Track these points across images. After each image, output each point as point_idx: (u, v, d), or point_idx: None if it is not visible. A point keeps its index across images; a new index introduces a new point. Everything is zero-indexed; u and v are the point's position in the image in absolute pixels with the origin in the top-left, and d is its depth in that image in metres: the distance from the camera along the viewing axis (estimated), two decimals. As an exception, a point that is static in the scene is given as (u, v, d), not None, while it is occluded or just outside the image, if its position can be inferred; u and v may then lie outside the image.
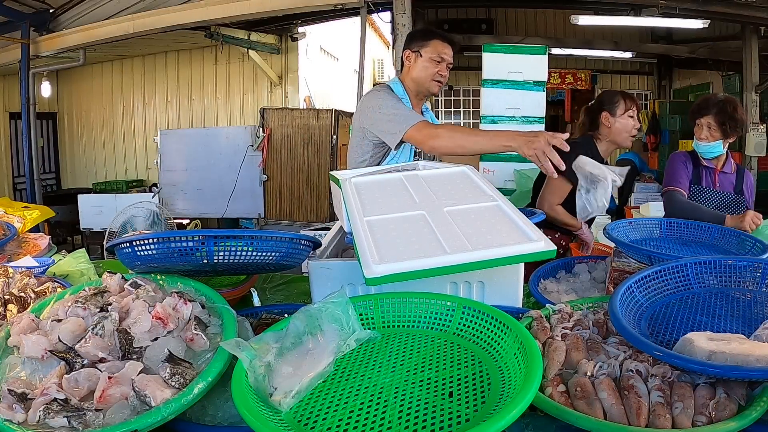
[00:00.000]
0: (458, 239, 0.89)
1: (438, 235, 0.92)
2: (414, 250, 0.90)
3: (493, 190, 1.09)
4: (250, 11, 5.07)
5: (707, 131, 2.06)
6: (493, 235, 0.91)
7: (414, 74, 1.92)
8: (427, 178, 1.21)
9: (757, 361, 0.75)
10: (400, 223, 1.00)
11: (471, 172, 1.22)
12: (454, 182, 1.18)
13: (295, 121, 6.02)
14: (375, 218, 1.02)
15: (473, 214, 1.00)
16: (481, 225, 0.95)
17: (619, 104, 2.15)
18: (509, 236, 0.90)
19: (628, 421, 0.75)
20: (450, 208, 1.02)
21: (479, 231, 0.93)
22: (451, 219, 0.98)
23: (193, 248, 1.07)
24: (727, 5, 4.81)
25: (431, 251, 0.88)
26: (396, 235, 0.95)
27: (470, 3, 7.23)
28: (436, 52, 1.89)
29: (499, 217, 0.97)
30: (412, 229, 0.97)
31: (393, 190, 1.19)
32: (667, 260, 1.17)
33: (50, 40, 5.91)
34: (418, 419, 0.69)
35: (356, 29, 5.14)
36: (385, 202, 1.12)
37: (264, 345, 0.82)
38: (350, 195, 1.17)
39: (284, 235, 1.13)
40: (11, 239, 1.85)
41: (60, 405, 0.75)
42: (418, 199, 1.10)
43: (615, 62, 8.33)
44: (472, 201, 1.05)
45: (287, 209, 6.13)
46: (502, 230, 0.92)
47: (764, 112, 5.74)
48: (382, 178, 1.26)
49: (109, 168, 8.08)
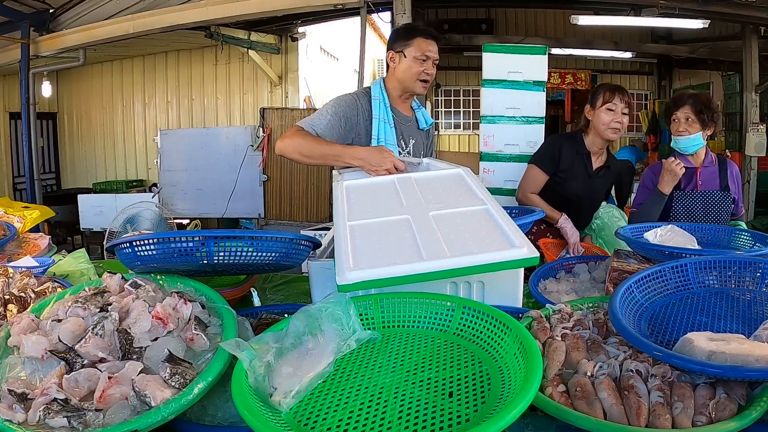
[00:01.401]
0: (437, 245, 0.88)
1: (418, 240, 0.91)
2: (391, 256, 0.88)
3: (485, 193, 1.07)
4: (250, 11, 5.07)
5: (685, 123, 2.01)
6: (475, 241, 0.89)
7: (398, 75, 1.87)
8: (419, 181, 1.21)
9: (756, 361, 0.76)
10: (383, 227, 0.99)
11: (466, 175, 1.21)
12: (447, 185, 1.17)
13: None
14: (358, 223, 1.02)
15: (459, 219, 0.98)
16: (465, 230, 0.94)
17: (599, 97, 2.16)
18: (492, 242, 0.88)
19: (628, 421, 0.75)
20: (436, 212, 1.01)
21: (462, 236, 0.91)
22: (435, 224, 0.96)
23: (193, 248, 1.07)
24: (727, 5, 4.81)
25: (408, 257, 0.86)
26: (376, 240, 0.94)
27: (470, 3, 7.23)
28: (419, 51, 1.82)
29: (485, 222, 0.95)
30: (393, 234, 0.95)
31: (383, 193, 1.18)
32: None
33: (50, 40, 5.91)
34: (418, 419, 0.69)
35: (356, 29, 5.14)
36: (372, 205, 1.11)
37: (264, 345, 0.82)
38: (338, 198, 1.16)
39: (284, 236, 1.13)
40: (11, 239, 1.85)
41: (60, 405, 0.75)
42: (405, 203, 1.09)
43: (615, 62, 8.33)
44: (461, 204, 1.03)
45: (287, 209, 6.13)
46: (485, 235, 0.90)
47: (764, 112, 5.74)
48: (375, 181, 1.26)
49: (109, 168, 8.08)
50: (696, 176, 2.06)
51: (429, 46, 1.83)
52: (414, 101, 2.00)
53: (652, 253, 1.37)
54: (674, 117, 2.05)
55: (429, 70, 1.83)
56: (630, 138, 8.43)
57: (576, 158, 2.21)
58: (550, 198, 2.23)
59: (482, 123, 3.03)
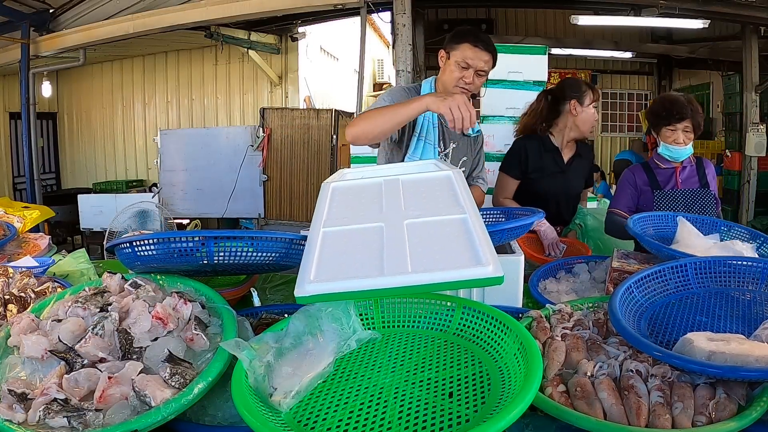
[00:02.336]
0: (402, 259, 0.85)
1: (384, 253, 0.88)
2: (354, 268, 0.86)
3: (468, 200, 1.04)
4: (250, 11, 5.06)
5: (684, 135, 1.99)
6: (442, 255, 0.86)
7: (442, 76, 1.83)
8: (405, 183, 1.18)
9: (756, 361, 0.76)
10: (355, 236, 0.97)
11: (455, 178, 1.18)
12: (433, 188, 1.14)
13: (295, 121, 6.01)
14: (332, 229, 1.00)
15: (433, 229, 0.96)
16: (436, 242, 0.91)
17: (587, 94, 2.16)
18: (459, 258, 0.85)
19: (628, 421, 0.75)
20: (411, 220, 0.99)
21: (430, 249, 0.89)
22: (407, 234, 0.94)
23: (193, 249, 1.07)
24: (727, 5, 4.81)
25: (369, 271, 0.84)
26: (344, 251, 0.93)
27: (470, 3, 7.22)
28: (462, 57, 1.75)
29: (459, 234, 0.92)
30: (363, 244, 0.93)
31: (367, 196, 1.16)
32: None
33: (50, 40, 5.91)
34: (418, 420, 0.69)
35: (356, 29, 5.14)
36: (352, 210, 1.09)
37: (264, 345, 0.82)
38: (321, 201, 1.15)
39: (283, 236, 1.13)
40: (11, 239, 1.85)
41: (60, 405, 0.75)
42: (385, 208, 1.07)
43: (615, 62, 8.32)
44: (440, 212, 1.01)
45: (287, 209, 6.13)
46: (455, 249, 0.88)
47: (764, 112, 5.73)
48: (362, 183, 1.24)
49: (109, 168, 8.08)
50: (676, 175, 2.06)
51: (474, 55, 1.75)
52: None
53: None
54: (673, 127, 2.03)
55: (467, 79, 1.76)
56: (630, 138, 8.43)
57: (545, 155, 2.22)
58: (526, 199, 2.22)
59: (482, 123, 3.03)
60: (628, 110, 8.74)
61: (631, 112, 8.71)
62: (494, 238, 1.22)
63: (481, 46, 1.76)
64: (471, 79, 1.76)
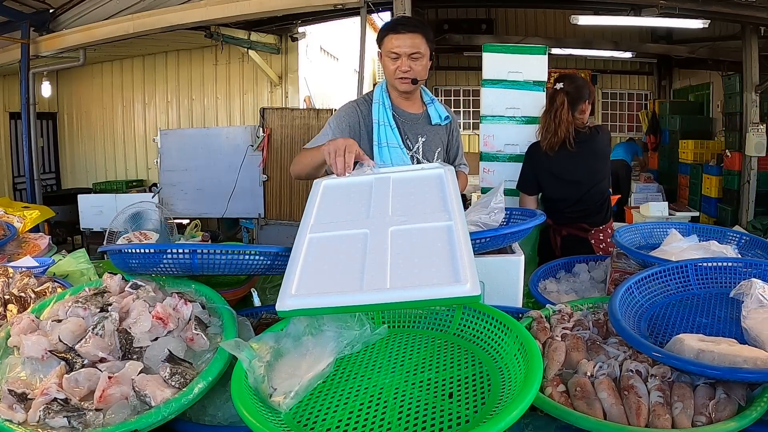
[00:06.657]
0: (382, 274, 0.85)
1: (366, 264, 0.88)
2: (334, 281, 0.87)
3: (456, 204, 1.03)
4: (250, 11, 5.06)
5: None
6: (421, 270, 0.86)
7: (385, 75, 1.83)
8: (396, 182, 1.17)
9: (744, 362, 0.76)
10: (340, 243, 0.97)
11: (446, 176, 1.16)
12: (422, 189, 1.13)
13: (295, 121, 6.01)
14: (317, 235, 1.00)
15: (416, 238, 0.95)
16: (418, 253, 0.90)
17: (591, 95, 2.32)
18: (437, 273, 0.84)
19: (627, 421, 0.75)
20: (397, 227, 0.98)
21: (411, 262, 0.88)
22: (390, 243, 0.93)
23: (179, 261, 1.06)
24: (727, 5, 4.81)
25: (348, 286, 0.85)
26: (327, 260, 0.93)
27: (470, 3, 7.23)
28: (389, 48, 1.73)
29: (442, 244, 0.91)
30: (345, 254, 0.93)
31: (356, 196, 1.14)
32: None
33: (50, 40, 5.90)
34: (417, 420, 0.69)
35: (356, 29, 5.14)
36: (340, 211, 1.09)
37: (264, 345, 0.83)
38: (311, 200, 1.14)
39: (269, 250, 1.08)
40: (11, 239, 1.85)
41: (60, 405, 0.75)
42: (372, 212, 1.06)
43: (615, 62, 8.33)
44: (426, 218, 1.00)
45: (287, 209, 6.12)
46: (434, 263, 0.87)
47: (764, 112, 5.72)
48: (353, 181, 1.22)
49: (109, 168, 8.07)
50: None
51: (398, 41, 1.71)
52: (427, 95, 1.91)
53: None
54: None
55: (402, 67, 1.72)
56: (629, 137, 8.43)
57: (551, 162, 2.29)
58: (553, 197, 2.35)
59: (482, 123, 3.02)
60: (628, 110, 8.75)
61: (631, 112, 8.72)
62: (495, 242, 1.22)
63: (402, 30, 1.72)
64: (406, 66, 1.72)
